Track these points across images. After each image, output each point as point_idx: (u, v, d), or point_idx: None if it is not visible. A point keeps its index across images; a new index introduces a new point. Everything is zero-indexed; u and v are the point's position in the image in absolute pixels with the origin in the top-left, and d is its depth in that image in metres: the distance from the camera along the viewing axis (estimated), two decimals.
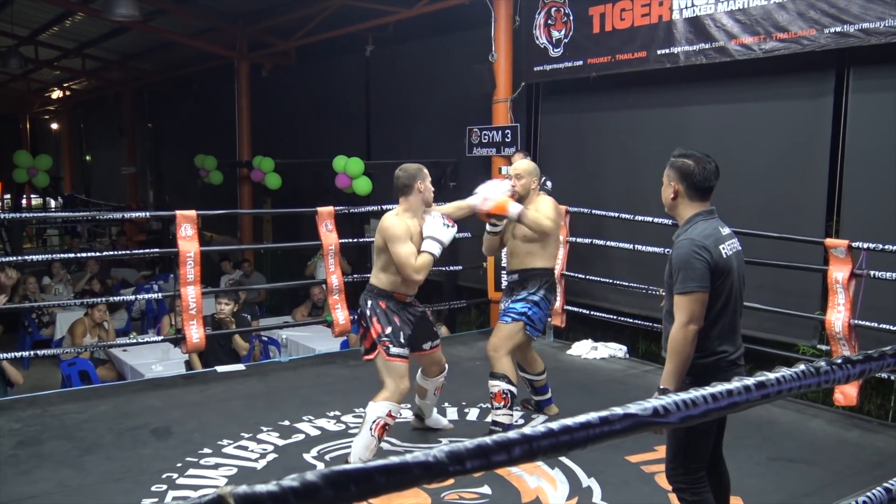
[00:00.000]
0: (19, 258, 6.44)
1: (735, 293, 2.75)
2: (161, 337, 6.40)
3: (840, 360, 1.45)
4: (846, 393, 4.70)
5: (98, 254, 10.53)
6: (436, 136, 8.67)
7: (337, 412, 4.75)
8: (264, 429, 4.46)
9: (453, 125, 7.91)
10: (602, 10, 6.43)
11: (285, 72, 11.85)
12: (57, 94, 20.37)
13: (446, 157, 7.79)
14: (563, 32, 6.79)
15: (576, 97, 7.10)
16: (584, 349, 6.21)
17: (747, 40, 5.43)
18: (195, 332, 5.51)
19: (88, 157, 22.10)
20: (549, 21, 6.90)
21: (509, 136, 7.09)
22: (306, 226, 8.83)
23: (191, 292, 5.48)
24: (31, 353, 6.16)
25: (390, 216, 3.91)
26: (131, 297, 9.13)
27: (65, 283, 9.82)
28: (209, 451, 4.14)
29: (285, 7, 9.96)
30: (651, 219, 5.78)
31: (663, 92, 6.37)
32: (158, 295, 8.30)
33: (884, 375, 4.71)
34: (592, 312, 6.51)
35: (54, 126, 23.85)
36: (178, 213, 5.57)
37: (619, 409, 1.17)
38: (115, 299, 8.71)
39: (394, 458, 0.98)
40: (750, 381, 1.33)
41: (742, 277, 2.80)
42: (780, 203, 5.62)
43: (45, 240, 16.95)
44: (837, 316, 4.71)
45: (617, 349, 6.20)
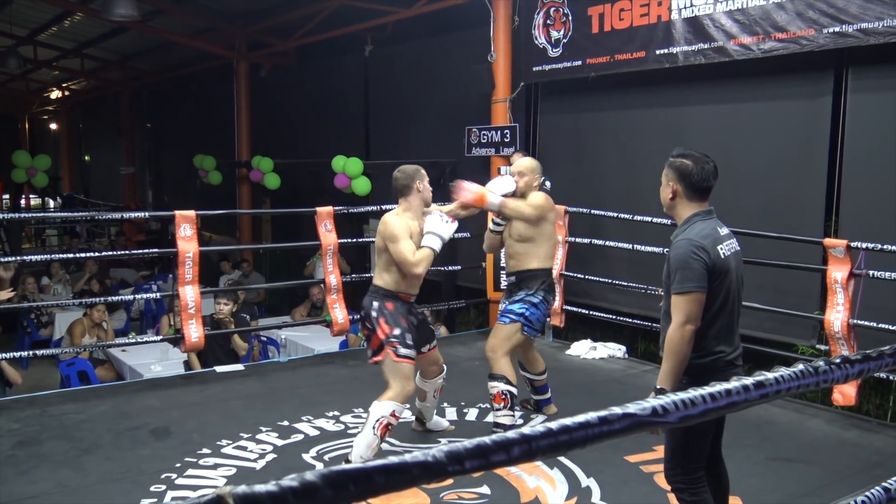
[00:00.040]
0: (18, 258, 6.42)
1: (733, 293, 2.75)
2: (160, 337, 6.40)
3: (839, 360, 1.45)
4: (845, 393, 4.70)
5: (97, 254, 10.51)
6: (435, 136, 8.66)
7: (336, 412, 4.75)
8: (263, 429, 4.46)
9: (452, 125, 7.91)
10: (601, 10, 6.43)
11: (284, 72, 11.84)
12: (56, 94, 20.34)
13: (445, 158, 7.78)
14: (561, 32, 6.79)
15: (575, 97, 7.10)
16: (583, 349, 6.21)
17: (746, 40, 5.43)
18: (194, 332, 5.51)
19: (87, 158, 22.08)
20: (548, 21, 6.90)
21: (508, 136, 7.10)
22: (305, 226, 8.83)
23: (189, 292, 5.48)
24: (29, 353, 6.16)
25: (390, 216, 3.93)
26: (130, 298, 9.13)
27: (64, 283, 9.82)
28: (208, 451, 4.14)
29: (284, 7, 9.95)
30: (650, 219, 5.78)
31: (662, 92, 6.37)
32: (157, 295, 8.30)
33: (882, 375, 4.71)
34: (591, 312, 6.52)
35: (53, 126, 23.81)
36: (177, 213, 5.57)
37: (617, 409, 1.17)
38: (114, 299, 8.70)
39: (393, 458, 0.98)
40: (749, 380, 1.33)
41: (740, 278, 2.80)
42: (778, 203, 5.62)
43: (44, 240, 16.92)
44: (836, 316, 4.71)
45: (616, 349, 6.20)
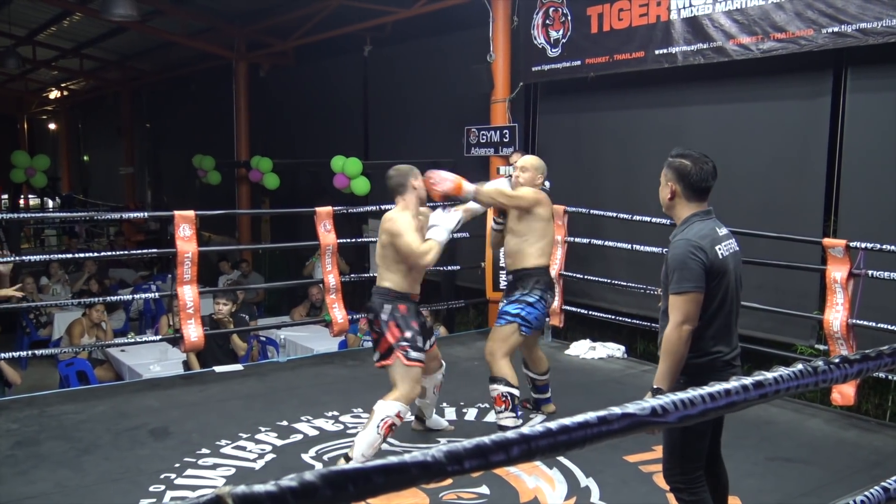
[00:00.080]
0: (17, 258, 6.42)
1: (731, 294, 2.75)
2: (159, 337, 6.40)
3: (838, 360, 1.45)
4: (844, 392, 4.70)
5: (96, 254, 10.51)
6: (434, 136, 8.66)
7: (335, 412, 4.74)
8: (262, 429, 4.46)
9: (451, 125, 7.91)
10: (600, 10, 6.43)
11: (283, 72, 11.84)
12: (55, 94, 20.33)
13: (444, 158, 7.78)
14: (560, 32, 6.79)
15: (574, 97, 7.10)
16: (582, 349, 6.21)
17: (745, 40, 5.43)
18: (193, 332, 5.50)
19: (86, 158, 22.07)
20: (547, 21, 6.90)
21: (507, 136, 7.10)
22: (304, 226, 8.83)
23: (188, 292, 5.48)
24: (28, 353, 6.16)
25: (393, 212, 3.94)
26: (129, 298, 9.13)
27: (62, 283, 9.81)
28: (207, 451, 4.14)
29: (283, 7, 9.95)
30: (649, 218, 5.78)
31: (661, 92, 6.37)
32: (156, 295, 8.30)
33: (881, 375, 4.71)
34: (590, 312, 6.52)
35: (52, 126, 23.80)
36: (176, 213, 5.56)
37: (616, 409, 1.17)
38: (113, 299, 8.70)
39: (392, 458, 0.98)
40: (748, 380, 1.32)
41: (739, 278, 2.80)
42: (777, 203, 5.62)
43: (43, 240, 16.94)
44: (836, 315, 4.71)
45: (615, 349, 6.20)
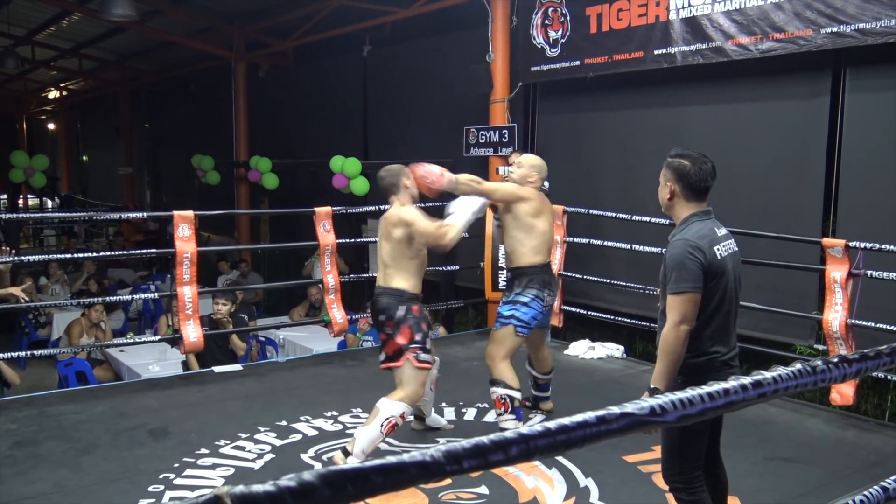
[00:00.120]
0: (16, 258, 6.42)
1: (729, 294, 2.75)
2: (158, 337, 6.39)
3: (836, 360, 1.45)
4: (843, 392, 4.70)
5: (95, 254, 10.49)
6: (433, 136, 8.66)
7: (334, 412, 4.74)
8: (261, 429, 4.46)
9: (450, 125, 7.91)
10: (599, 11, 6.43)
11: (282, 72, 11.83)
12: (54, 94, 20.32)
13: (443, 158, 7.74)
14: (560, 32, 6.79)
15: (573, 97, 7.10)
16: (581, 349, 6.21)
17: (744, 40, 5.43)
18: (192, 332, 5.50)
19: (85, 158, 22.06)
20: (546, 21, 6.90)
21: (506, 136, 7.10)
22: (304, 226, 8.84)
23: (187, 292, 5.48)
24: (27, 353, 6.17)
25: (395, 209, 3.93)
26: (128, 298, 9.13)
27: (61, 283, 9.81)
28: (206, 451, 4.14)
29: (282, 7, 9.95)
30: (648, 219, 5.78)
31: (660, 92, 6.37)
32: (155, 295, 8.29)
33: (880, 375, 4.72)
34: (590, 312, 6.52)
35: (51, 126, 23.78)
36: (175, 213, 5.56)
37: (616, 409, 1.17)
38: (112, 299, 8.69)
39: (391, 458, 0.97)
40: (746, 380, 1.33)
41: (737, 278, 2.80)
42: (776, 203, 5.63)
43: (42, 240, 16.91)
44: (835, 315, 4.71)
45: (614, 349, 6.20)
